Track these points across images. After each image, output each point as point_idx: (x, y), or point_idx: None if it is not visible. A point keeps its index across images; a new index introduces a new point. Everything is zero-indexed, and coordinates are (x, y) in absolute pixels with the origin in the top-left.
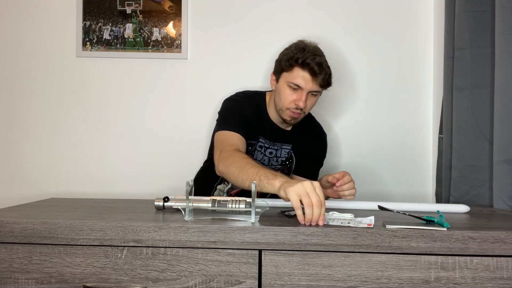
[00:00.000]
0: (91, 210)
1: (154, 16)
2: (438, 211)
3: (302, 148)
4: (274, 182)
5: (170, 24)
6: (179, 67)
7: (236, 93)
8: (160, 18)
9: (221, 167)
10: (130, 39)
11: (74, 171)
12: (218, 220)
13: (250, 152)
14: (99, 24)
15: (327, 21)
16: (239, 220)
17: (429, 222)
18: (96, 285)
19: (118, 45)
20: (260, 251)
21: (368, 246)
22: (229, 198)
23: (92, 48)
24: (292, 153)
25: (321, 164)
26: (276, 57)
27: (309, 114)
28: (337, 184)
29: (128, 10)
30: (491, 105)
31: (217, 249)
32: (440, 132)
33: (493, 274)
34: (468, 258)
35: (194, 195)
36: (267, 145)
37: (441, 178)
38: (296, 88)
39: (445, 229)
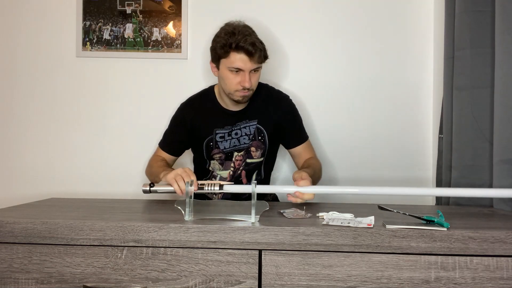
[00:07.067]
0: (91, 210)
1: (154, 16)
2: (438, 211)
3: (270, 120)
4: (160, 176)
5: (170, 24)
6: (179, 67)
7: (182, 103)
8: (160, 18)
9: (145, 172)
10: (130, 39)
11: (74, 171)
12: (218, 220)
13: (213, 146)
14: (99, 24)
15: (327, 21)
16: (239, 220)
17: (429, 222)
18: (96, 285)
19: (118, 45)
20: (260, 251)
21: (368, 246)
22: (205, 182)
23: (92, 48)
24: (261, 127)
25: (299, 124)
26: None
27: (266, 86)
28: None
29: (128, 10)
30: (491, 105)
31: (217, 249)
32: (440, 132)
33: (493, 274)
34: (468, 258)
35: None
36: (229, 130)
37: (441, 178)
38: (238, 70)
39: (445, 229)
